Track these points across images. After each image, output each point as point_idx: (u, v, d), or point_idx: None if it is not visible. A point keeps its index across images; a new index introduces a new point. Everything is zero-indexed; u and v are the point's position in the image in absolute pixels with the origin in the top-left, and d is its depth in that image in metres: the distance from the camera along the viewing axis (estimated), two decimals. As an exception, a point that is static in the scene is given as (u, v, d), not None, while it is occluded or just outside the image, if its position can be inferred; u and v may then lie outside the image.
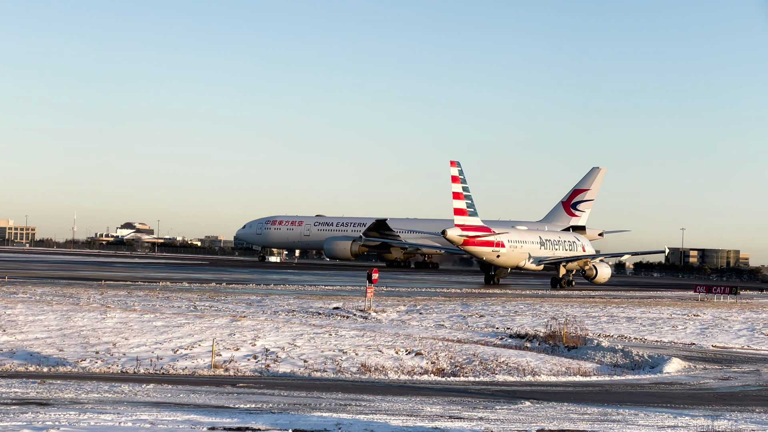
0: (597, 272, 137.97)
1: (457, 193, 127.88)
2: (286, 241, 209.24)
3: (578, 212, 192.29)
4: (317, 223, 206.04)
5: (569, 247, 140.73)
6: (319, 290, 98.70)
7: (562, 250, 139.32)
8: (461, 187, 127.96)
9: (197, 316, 58.78)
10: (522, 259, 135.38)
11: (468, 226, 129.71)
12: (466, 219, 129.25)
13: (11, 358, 46.54)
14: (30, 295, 70.25)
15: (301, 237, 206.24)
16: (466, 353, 51.95)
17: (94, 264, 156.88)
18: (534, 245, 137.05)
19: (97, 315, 56.36)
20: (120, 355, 48.00)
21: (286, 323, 58.24)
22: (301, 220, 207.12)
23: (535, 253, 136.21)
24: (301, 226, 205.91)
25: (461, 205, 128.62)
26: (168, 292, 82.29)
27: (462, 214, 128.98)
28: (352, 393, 38.55)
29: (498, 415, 33.06)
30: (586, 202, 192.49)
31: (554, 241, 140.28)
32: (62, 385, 37.05)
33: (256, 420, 28.82)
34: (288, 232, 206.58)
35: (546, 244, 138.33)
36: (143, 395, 34.85)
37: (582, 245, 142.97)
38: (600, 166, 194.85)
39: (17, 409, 29.55)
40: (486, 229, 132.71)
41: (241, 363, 47.61)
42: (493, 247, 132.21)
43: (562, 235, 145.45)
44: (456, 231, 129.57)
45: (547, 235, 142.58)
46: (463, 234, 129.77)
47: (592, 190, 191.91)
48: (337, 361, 48.93)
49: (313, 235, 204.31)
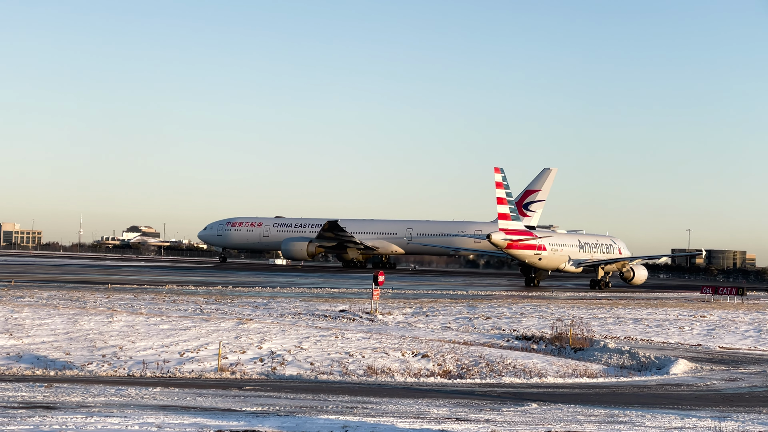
0: (634, 274, 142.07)
1: (501, 198, 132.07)
2: (246, 242, 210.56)
3: (530, 212, 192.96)
4: (276, 224, 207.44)
5: (606, 250, 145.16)
6: (325, 293, 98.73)
7: (600, 253, 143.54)
8: (504, 192, 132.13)
9: (204, 319, 58.83)
10: (562, 261, 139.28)
11: (511, 230, 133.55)
12: (509, 223, 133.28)
13: (18, 361, 46.60)
14: (36, 298, 70.32)
15: (260, 238, 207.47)
16: (473, 355, 51.94)
17: (101, 267, 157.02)
18: (573, 248, 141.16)
19: (103, 318, 56.42)
20: (127, 358, 48.04)
21: (292, 326, 58.26)
22: (261, 221, 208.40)
23: (574, 256, 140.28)
24: (260, 228, 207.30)
25: (505, 210, 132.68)
26: (174, 295, 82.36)
27: (506, 218, 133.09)
28: (359, 395, 38.55)
29: (505, 417, 33.05)
30: (537, 202, 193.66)
31: (592, 244, 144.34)
32: (69, 389, 37.09)
33: (262, 423, 28.84)
34: (248, 233, 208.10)
35: (584, 247, 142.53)
36: (150, 398, 34.87)
37: (618, 248, 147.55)
38: (551, 167, 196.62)
39: (24, 412, 29.60)
40: (528, 233, 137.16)
41: (247, 366, 47.63)
42: (535, 250, 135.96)
43: (599, 238, 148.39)
44: (500, 235, 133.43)
45: (586, 238, 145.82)
46: (507, 238, 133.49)
47: (543, 191, 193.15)
48: (344, 363, 48.93)
49: (272, 236, 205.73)
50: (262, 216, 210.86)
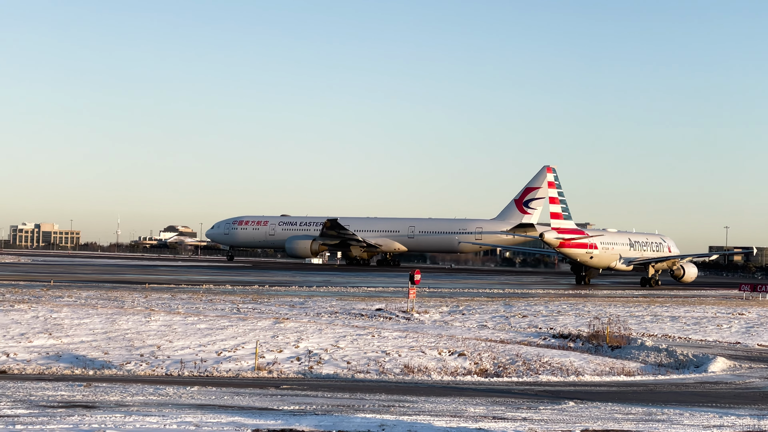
0: (684, 272, 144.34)
1: (554, 198, 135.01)
2: (252, 240, 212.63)
3: (530, 210, 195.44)
4: (281, 222, 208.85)
5: (656, 248, 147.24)
6: (361, 292, 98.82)
7: (650, 251, 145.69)
8: (557, 192, 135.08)
9: (240, 319, 59.03)
10: (613, 260, 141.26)
11: (563, 229, 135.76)
12: (561, 222, 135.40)
13: (58, 361, 46.92)
14: (75, 298, 70.78)
15: (266, 237, 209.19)
16: (509, 353, 51.86)
17: (138, 267, 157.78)
18: (624, 246, 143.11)
19: (141, 318, 56.71)
20: (164, 357, 48.26)
21: (329, 325, 58.36)
22: (267, 219, 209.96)
23: (625, 254, 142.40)
24: (266, 226, 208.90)
25: (557, 209, 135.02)
26: (211, 294, 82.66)
27: (558, 218, 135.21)
28: (396, 394, 38.58)
29: (542, 415, 32.99)
30: (538, 199, 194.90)
31: (642, 242, 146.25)
32: (108, 388, 37.31)
33: (299, 422, 28.90)
34: (254, 231, 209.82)
35: (635, 246, 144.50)
36: (188, 397, 35.03)
37: (668, 246, 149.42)
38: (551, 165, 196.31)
39: (64, 411, 29.80)
40: (580, 232, 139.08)
41: (284, 365, 47.76)
42: (587, 249, 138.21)
43: (649, 237, 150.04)
44: (553, 234, 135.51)
45: (636, 237, 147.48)
46: (559, 237, 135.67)
47: (543, 188, 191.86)
48: (380, 362, 48.97)
49: (277, 235, 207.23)
50: (268, 215, 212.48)
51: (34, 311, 57.24)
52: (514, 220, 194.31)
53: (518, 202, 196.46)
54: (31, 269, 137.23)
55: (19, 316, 55.39)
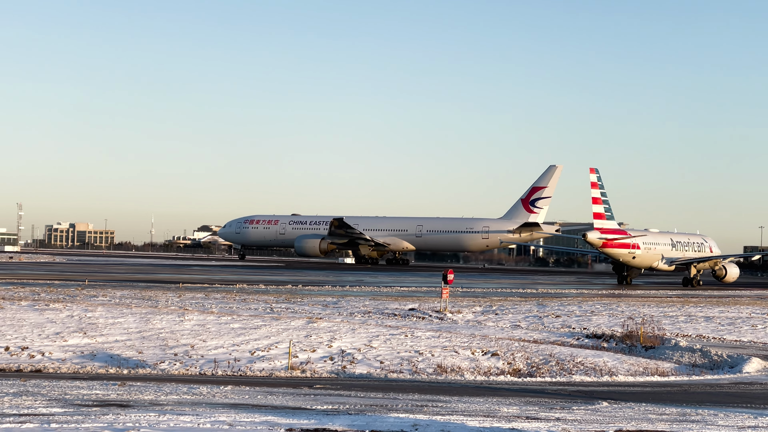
0: (726, 272, 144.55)
1: (596, 198, 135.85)
2: (263, 239, 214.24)
3: (537, 209, 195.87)
4: (292, 221, 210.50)
5: (698, 248, 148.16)
6: (394, 291, 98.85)
7: (691, 251, 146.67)
8: (599, 192, 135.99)
9: (274, 318, 59.18)
10: (655, 260, 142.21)
11: (606, 230, 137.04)
12: (604, 223, 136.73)
13: (92, 360, 47.18)
14: (110, 297, 71.15)
15: (276, 236, 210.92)
16: (543, 353, 51.76)
17: (172, 267, 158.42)
18: (666, 247, 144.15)
19: (175, 317, 56.95)
20: (198, 357, 48.45)
21: (362, 324, 58.43)
22: (277, 219, 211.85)
23: (667, 255, 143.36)
24: (276, 225, 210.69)
25: (600, 210, 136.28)
26: (245, 294, 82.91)
27: (600, 218, 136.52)
28: (429, 394, 38.57)
29: (575, 415, 32.90)
30: (544, 199, 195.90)
31: (684, 242, 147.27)
32: (142, 387, 37.49)
33: (333, 421, 28.93)
34: (265, 230, 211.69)
35: (677, 246, 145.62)
36: (221, 397, 35.15)
37: (709, 246, 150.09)
38: (557, 164, 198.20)
39: (98, 410, 29.96)
40: (623, 232, 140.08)
41: (317, 364, 47.84)
42: (629, 249, 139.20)
43: (691, 237, 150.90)
44: (596, 234, 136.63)
45: (678, 237, 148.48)
46: (602, 237, 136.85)
47: (549, 188, 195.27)
48: (413, 362, 48.98)
49: (287, 234, 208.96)
50: (279, 214, 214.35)
51: (69, 310, 57.59)
52: (521, 220, 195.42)
53: (525, 202, 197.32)
54: (66, 269, 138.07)
55: (54, 316, 55.74)
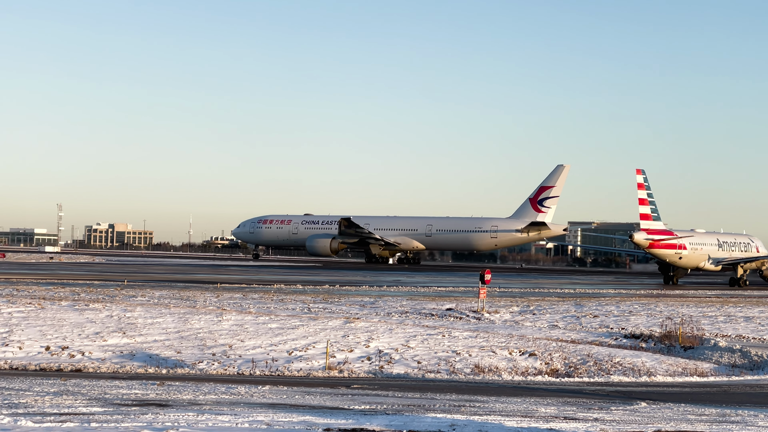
0: None
1: (643, 199, 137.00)
2: (276, 239, 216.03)
3: (544, 208, 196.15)
4: (304, 221, 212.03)
5: (744, 248, 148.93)
6: (431, 291, 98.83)
7: (738, 252, 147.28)
8: (646, 193, 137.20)
9: (311, 318, 59.31)
10: (702, 260, 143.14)
11: (653, 230, 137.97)
12: (650, 223, 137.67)
13: (131, 360, 47.45)
14: (148, 298, 71.52)
15: (289, 235, 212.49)
16: (581, 354, 51.61)
17: (210, 267, 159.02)
18: (713, 247, 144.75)
19: (213, 317, 57.17)
20: (236, 357, 48.62)
21: (399, 324, 58.45)
22: (290, 219, 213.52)
23: (714, 255, 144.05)
24: (289, 225, 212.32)
25: (646, 211, 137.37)
26: (282, 294, 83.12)
27: (647, 219, 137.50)
28: (466, 394, 38.56)
29: (613, 416, 32.80)
30: (551, 198, 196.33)
31: (730, 242, 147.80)
32: (180, 387, 37.68)
33: (370, 421, 28.97)
34: (278, 230, 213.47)
35: (723, 246, 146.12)
36: (259, 396, 35.27)
37: (756, 246, 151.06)
38: (564, 164, 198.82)
39: (138, 410, 30.14)
40: (669, 233, 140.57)
41: (355, 364, 47.91)
42: (676, 250, 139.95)
43: (737, 237, 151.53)
44: (642, 235, 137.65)
45: (724, 237, 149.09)
46: (649, 237, 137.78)
47: (557, 187, 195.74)
48: (451, 362, 48.96)
49: (300, 233, 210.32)
50: (292, 213, 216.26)
51: (109, 310, 57.94)
52: (529, 219, 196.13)
53: (533, 201, 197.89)
54: (105, 269, 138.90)
55: (93, 315, 56.11)
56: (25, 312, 56.03)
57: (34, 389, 35.63)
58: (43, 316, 55.31)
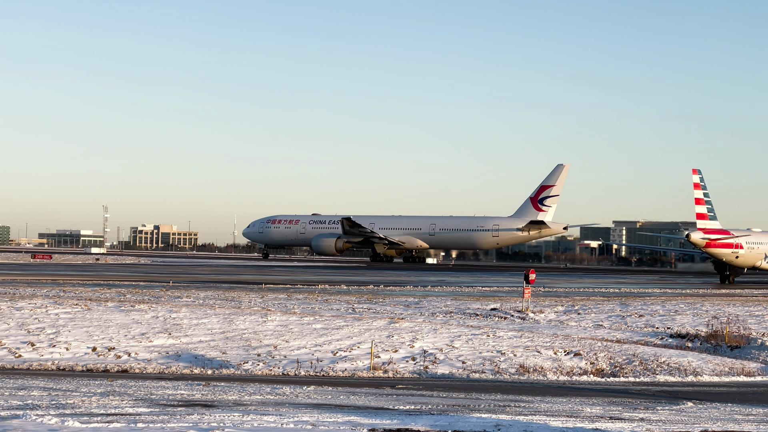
0: None
1: (699, 199, 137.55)
2: (285, 238, 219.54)
3: (545, 207, 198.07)
4: (312, 221, 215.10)
5: None
6: (476, 291, 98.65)
7: None
8: (702, 193, 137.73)
9: (356, 318, 59.36)
10: (758, 259, 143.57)
11: (709, 230, 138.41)
12: (707, 223, 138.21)
13: (177, 360, 47.70)
14: (194, 299, 71.85)
15: (297, 235, 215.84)
16: (626, 353, 51.36)
17: (254, 267, 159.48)
18: None
19: (258, 318, 57.35)
20: (281, 357, 48.76)
21: (443, 325, 58.40)
22: (298, 218, 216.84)
23: None
24: (297, 225, 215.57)
25: (703, 210, 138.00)
26: (327, 294, 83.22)
27: (703, 218, 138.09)
28: (511, 394, 38.48)
29: (659, 416, 32.62)
30: (552, 197, 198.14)
31: None
32: (226, 387, 37.83)
33: (415, 421, 28.96)
34: (286, 230, 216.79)
35: None
36: (304, 397, 35.35)
37: None
38: (564, 163, 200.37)
39: (183, 410, 30.28)
40: (725, 232, 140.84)
41: (399, 364, 47.92)
42: (732, 249, 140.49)
43: None
44: (699, 234, 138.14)
45: None
46: (705, 237, 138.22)
47: (557, 186, 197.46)
48: (495, 362, 48.87)
49: (308, 233, 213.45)
50: (300, 213, 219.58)
51: (154, 311, 58.27)
52: (529, 218, 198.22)
53: (533, 200, 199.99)
54: (150, 270, 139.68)
55: (139, 316, 56.44)
56: (71, 313, 56.46)
57: (81, 390, 35.90)
58: (89, 317, 55.71)
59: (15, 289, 76.44)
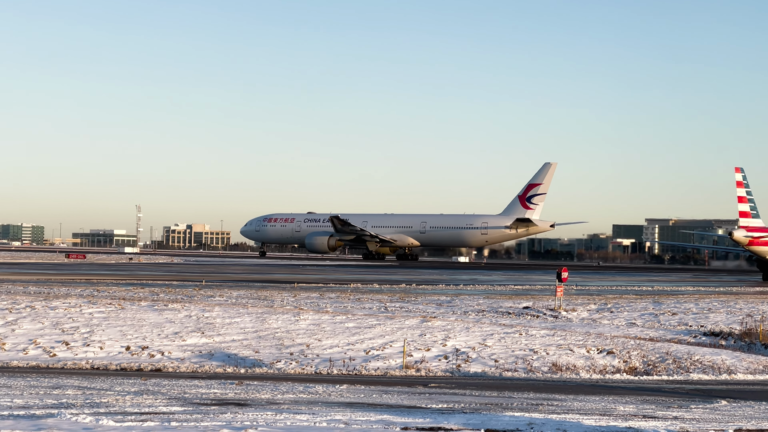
0: None
1: (742, 197, 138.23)
2: (281, 236, 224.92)
3: (533, 205, 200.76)
4: (307, 219, 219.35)
5: None
6: (508, 290, 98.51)
7: None
8: (745, 191, 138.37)
9: (388, 317, 59.39)
10: None
11: (752, 228, 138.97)
12: (750, 221, 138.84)
13: (210, 359, 47.87)
14: (226, 298, 72.07)
15: (292, 233, 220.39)
16: (659, 351, 51.17)
17: (287, 267, 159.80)
18: None
19: (290, 317, 57.47)
20: (313, 356, 48.85)
21: (476, 323, 58.35)
22: (293, 217, 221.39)
23: None
24: (293, 223, 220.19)
25: (745, 208, 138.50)
26: (359, 293, 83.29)
27: (746, 216, 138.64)
28: (544, 392, 38.43)
29: (693, 414, 32.49)
30: (539, 195, 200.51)
31: None
32: (259, 386, 37.94)
33: (448, 420, 28.97)
34: (282, 228, 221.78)
35: None
36: (337, 396, 35.42)
37: None
38: (552, 162, 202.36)
39: (217, 409, 30.40)
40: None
41: (432, 363, 47.93)
42: None
43: None
44: (742, 232, 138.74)
45: None
46: (748, 235, 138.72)
47: (544, 184, 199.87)
48: (528, 360, 48.80)
49: (302, 231, 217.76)
50: (296, 212, 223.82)
51: (187, 310, 58.48)
52: (517, 215, 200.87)
53: (521, 198, 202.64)
54: (183, 269, 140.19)
55: (172, 316, 56.67)
56: (105, 312, 56.76)
57: (115, 389, 36.10)
58: (123, 316, 55.99)
59: (49, 289, 76.94)
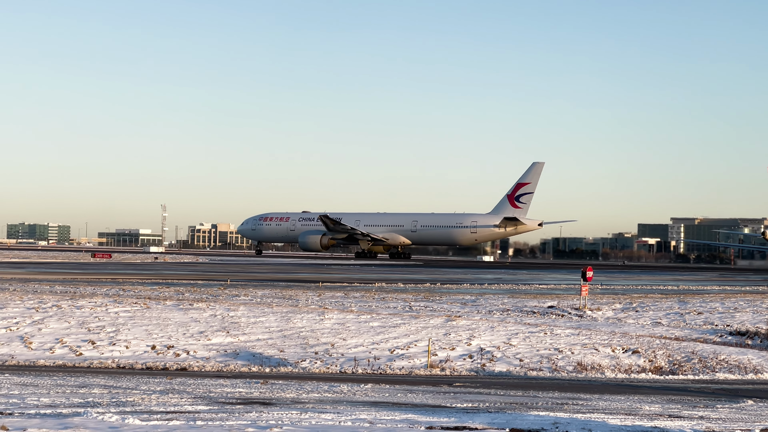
0: None
1: None
2: (276, 235, 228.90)
3: (521, 204, 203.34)
4: (301, 218, 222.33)
5: None
6: (533, 289, 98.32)
7: None
8: None
9: (413, 317, 59.39)
10: None
11: None
12: None
13: (235, 359, 47.99)
14: (251, 297, 72.18)
15: (287, 232, 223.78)
16: (685, 351, 51.00)
17: (311, 266, 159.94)
18: None
19: (315, 316, 57.54)
20: (338, 355, 48.91)
21: (500, 322, 58.30)
22: (288, 216, 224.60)
23: None
24: (288, 222, 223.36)
25: None
26: (383, 292, 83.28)
27: None
28: (569, 392, 38.37)
29: (719, 414, 32.38)
30: (527, 194, 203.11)
31: None
32: (284, 385, 38.02)
33: (473, 419, 28.96)
34: (277, 227, 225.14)
35: None
36: (362, 395, 35.45)
37: None
38: (539, 161, 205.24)
39: (242, 408, 30.48)
40: None
41: (456, 362, 47.91)
42: None
43: None
44: None
45: None
46: None
47: (532, 184, 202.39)
48: (553, 359, 48.73)
49: (297, 230, 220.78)
50: (291, 211, 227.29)
51: (212, 310, 58.64)
52: (505, 214, 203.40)
53: (510, 197, 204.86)
54: (208, 269, 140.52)
55: (198, 315, 56.84)
56: (131, 312, 56.98)
57: (141, 388, 36.24)
58: (148, 315, 56.19)
59: (75, 288, 77.25)
